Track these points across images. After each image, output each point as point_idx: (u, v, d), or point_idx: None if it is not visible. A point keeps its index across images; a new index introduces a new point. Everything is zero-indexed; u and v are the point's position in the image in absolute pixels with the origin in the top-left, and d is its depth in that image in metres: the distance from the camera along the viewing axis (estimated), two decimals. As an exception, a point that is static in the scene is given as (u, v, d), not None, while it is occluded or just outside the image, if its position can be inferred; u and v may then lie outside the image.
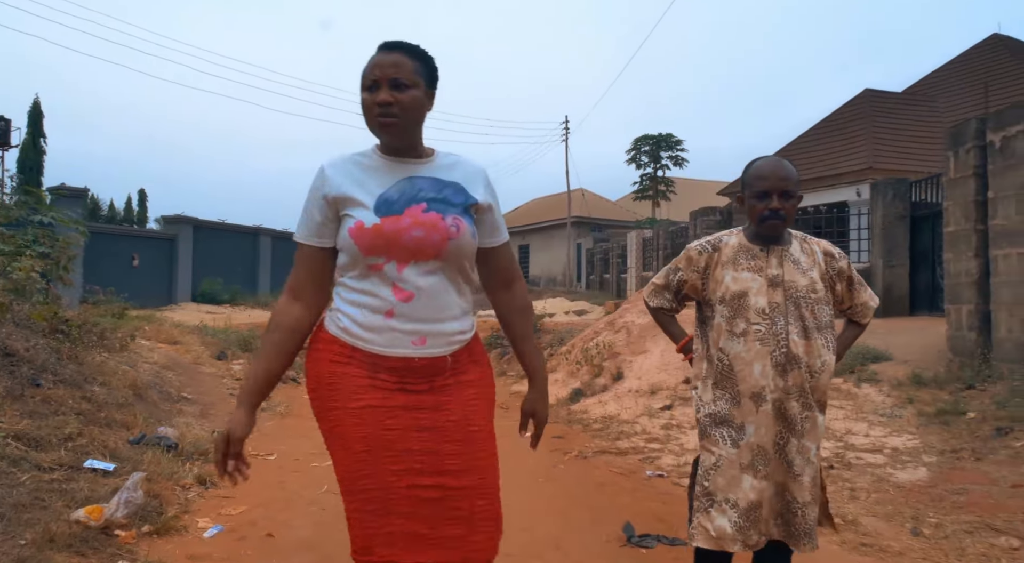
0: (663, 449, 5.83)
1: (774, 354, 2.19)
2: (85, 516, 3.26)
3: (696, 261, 2.35)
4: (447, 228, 1.70)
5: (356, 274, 1.73)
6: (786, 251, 2.28)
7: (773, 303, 2.21)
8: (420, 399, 1.71)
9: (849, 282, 2.39)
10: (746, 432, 2.20)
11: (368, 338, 1.70)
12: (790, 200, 2.24)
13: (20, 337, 5.31)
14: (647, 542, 3.63)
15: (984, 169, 6.67)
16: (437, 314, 1.71)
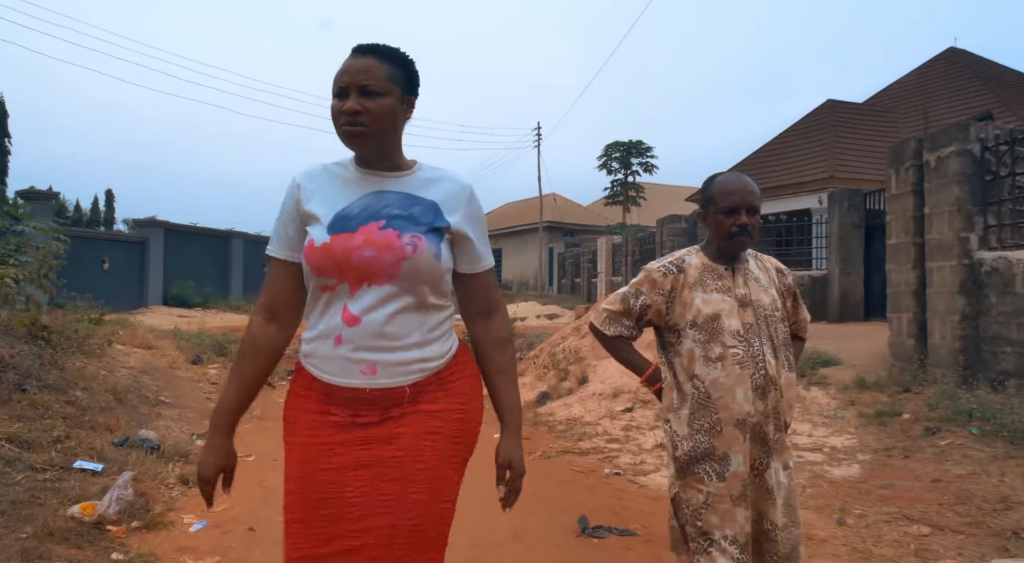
0: (622, 449, 6.20)
1: (754, 377, 2.09)
2: (79, 512, 3.52)
3: (661, 284, 2.19)
4: (402, 247, 1.55)
5: (311, 297, 1.63)
6: (747, 269, 2.21)
7: (746, 324, 2.13)
8: (369, 433, 1.57)
9: (795, 298, 2.34)
10: (731, 463, 2.09)
11: (320, 366, 1.59)
12: (755, 216, 2.15)
13: (4, 344, 5.51)
14: (599, 533, 3.98)
15: (921, 186, 7.15)
16: (390, 342, 1.56)
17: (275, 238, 1.69)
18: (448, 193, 1.66)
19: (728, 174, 2.24)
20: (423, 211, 1.62)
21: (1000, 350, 6.26)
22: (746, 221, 2.12)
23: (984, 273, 6.43)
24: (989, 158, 6.49)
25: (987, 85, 23.70)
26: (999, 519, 3.88)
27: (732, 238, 2.14)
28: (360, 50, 1.62)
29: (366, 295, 1.56)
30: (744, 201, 2.13)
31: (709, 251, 2.23)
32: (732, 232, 2.13)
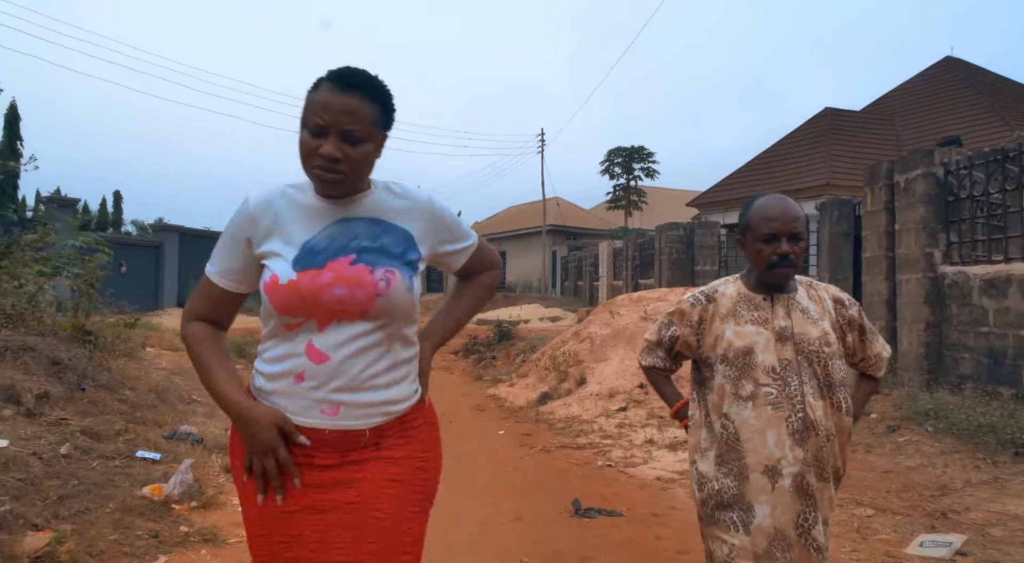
0: (615, 444, 6.82)
1: (789, 420, 1.90)
2: (149, 493, 4.17)
3: (689, 315, 2.06)
4: (375, 283, 1.48)
5: (271, 330, 1.54)
6: (793, 300, 2.00)
7: (783, 360, 1.93)
8: (327, 476, 1.50)
9: (861, 331, 2.10)
10: (755, 514, 1.90)
11: (277, 403, 1.51)
12: (799, 243, 1.95)
13: (62, 348, 6.17)
14: (590, 514, 4.61)
15: (893, 204, 7.77)
16: (356, 382, 1.50)
17: (217, 264, 1.59)
18: (413, 211, 1.59)
19: (768, 197, 2.01)
20: (394, 241, 1.55)
21: (959, 356, 6.88)
22: (787, 249, 1.92)
23: (946, 286, 7.05)
24: (952, 181, 7.11)
25: (982, 95, 24.20)
26: (934, 503, 4.50)
27: (772, 269, 1.94)
28: (343, 84, 1.46)
29: (335, 331, 1.48)
30: (785, 227, 1.92)
31: (748, 280, 2.05)
32: (772, 262, 1.93)
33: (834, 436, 1.95)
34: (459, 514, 4.47)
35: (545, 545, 4.01)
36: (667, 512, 4.68)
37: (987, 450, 5.27)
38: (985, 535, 3.91)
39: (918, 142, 22.74)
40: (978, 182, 6.73)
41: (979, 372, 6.60)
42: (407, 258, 1.56)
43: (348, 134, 1.45)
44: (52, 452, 4.28)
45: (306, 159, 1.47)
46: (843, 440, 1.99)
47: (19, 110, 28.27)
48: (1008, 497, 4.46)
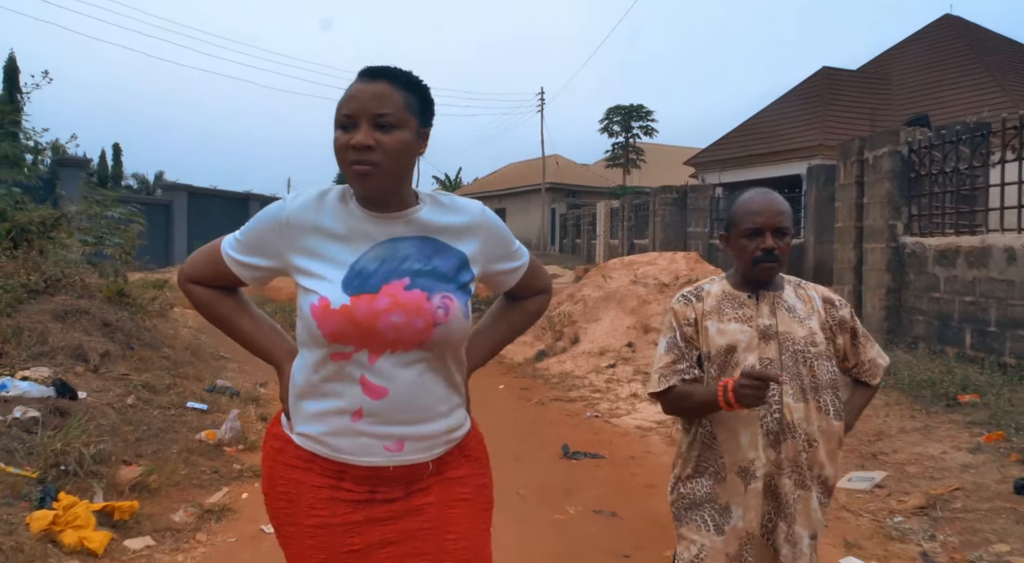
0: (603, 397, 7.62)
1: (764, 420, 1.85)
2: (205, 437, 4.95)
3: (684, 314, 1.97)
4: (433, 312, 1.40)
5: (317, 360, 1.43)
6: (779, 297, 1.94)
7: (764, 359, 1.88)
8: (392, 508, 1.45)
9: (853, 334, 2.01)
10: (732, 515, 1.86)
11: (332, 444, 1.42)
12: (784, 238, 1.89)
13: (109, 310, 6.91)
14: (577, 456, 5.41)
15: (862, 179, 8.42)
16: (419, 414, 1.44)
17: (240, 252, 1.50)
18: (465, 226, 1.50)
19: (753, 192, 1.98)
20: (447, 262, 1.46)
21: (915, 318, 7.63)
22: (772, 244, 1.87)
23: (906, 255, 7.76)
24: (915, 159, 7.75)
25: (978, 55, 24.30)
26: (868, 446, 5.29)
27: (756, 264, 1.89)
28: (370, 73, 1.40)
29: (389, 362, 1.40)
30: (770, 222, 1.88)
31: (733, 278, 2.00)
32: (757, 257, 1.88)
33: (817, 441, 1.86)
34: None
35: (538, 480, 4.81)
36: (643, 455, 5.48)
37: (924, 402, 6.04)
38: (902, 471, 4.70)
39: (913, 103, 23.10)
40: (936, 161, 7.38)
41: (930, 333, 7.36)
42: (460, 281, 1.46)
43: (378, 120, 1.36)
44: (120, 402, 5.05)
45: (340, 157, 1.38)
46: (831, 446, 1.89)
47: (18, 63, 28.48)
48: (931, 442, 5.24)
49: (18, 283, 5.55)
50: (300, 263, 1.44)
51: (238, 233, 1.52)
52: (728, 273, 2.05)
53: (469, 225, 1.51)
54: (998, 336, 6.44)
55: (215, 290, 1.56)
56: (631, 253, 18.42)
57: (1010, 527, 3.72)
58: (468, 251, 1.50)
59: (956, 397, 5.90)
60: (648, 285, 10.34)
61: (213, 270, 1.53)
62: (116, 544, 3.27)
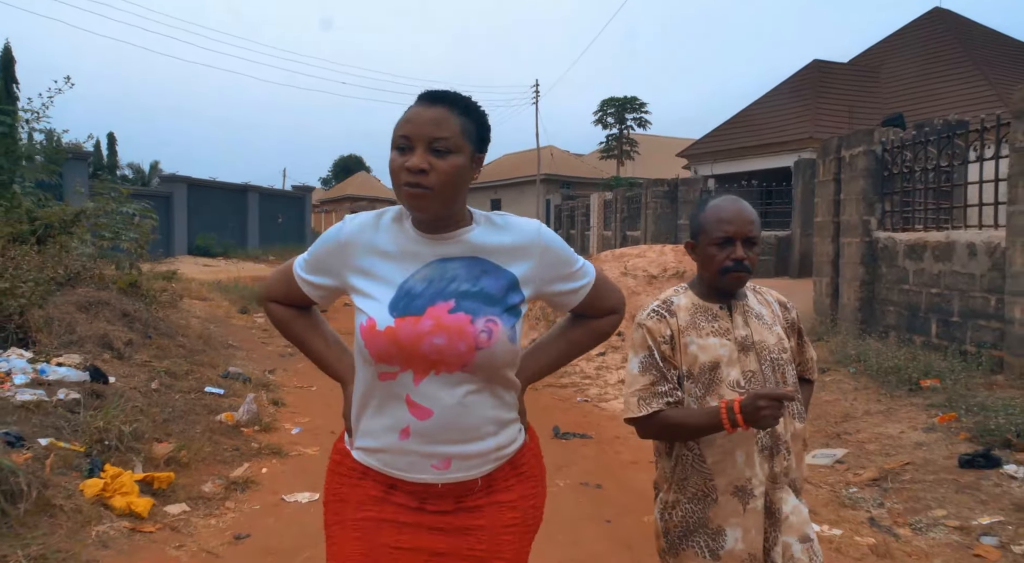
0: (592, 384, 8.08)
1: (759, 436, 1.80)
2: (224, 419, 5.38)
3: (659, 331, 1.87)
4: (476, 336, 1.41)
5: (368, 377, 1.49)
6: (747, 306, 1.90)
7: (748, 372, 1.83)
8: (442, 520, 1.49)
9: (799, 335, 2.02)
10: (726, 538, 1.81)
11: (383, 459, 1.48)
12: (754, 248, 1.85)
13: (127, 302, 7.33)
14: (567, 436, 5.86)
15: (840, 176, 8.86)
16: (465, 434, 1.46)
17: (308, 271, 1.57)
18: (523, 254, 1.50)
19: (722, 199, 1.92)
20: (495, 283, 1.47)
21: (886, 309, 8.09)
22: (741, 254, 1.82)
23: (879, 249, 8.21)
24: (888, 158, 8.19)
25: (966, 48, 24.61)
26: (834, 427, 5.75)
27: (726, 274, 1.83)
28: (429, 98, 1.44)
29: (433, 384, 1.43)
30: (740, 230, 1.83)
31: (698, 289, 1.92)
32: (726, 267, 1.83)
33: (793, 446, 1.86)
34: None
35: (530, 458, 5.27)
36: (627, 436, 5.92)
37: (889, 387, 6.51)
38: (862, 449, 5.17)
39: (901, 96, 23.51)
40: (907, 160, 7.82)
41: (900, 323, 7.82)
42: (508, 303, 1.46)
43: (435, 144, 1.39)
44: (146, 387, 5.48)
45: (395, 178, 1.41)
46: (799, 449, 1.88)
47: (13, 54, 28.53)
48: (891, 422, 5.71)
49: (47, 277, 5.95)
50: (355, 282, 1.49)
51: (307, 253, 1.59)
52: (691, 283, 1.96)
53: (522, 245, 1.51)
54: (960, 326, 6.90)
55: (290, 308, 1.63)
56: (624, 244, 18.86)
57: (949, 495, 4.19)
58: (519, 272, 1.50)
59: (919, 382, 6.36)
60: (637, 277, 10.78)
61: (287, 289, 1.61)
62: (157, 509, 3.70)
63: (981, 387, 5.98)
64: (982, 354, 6.50)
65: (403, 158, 1.40)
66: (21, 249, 6.08)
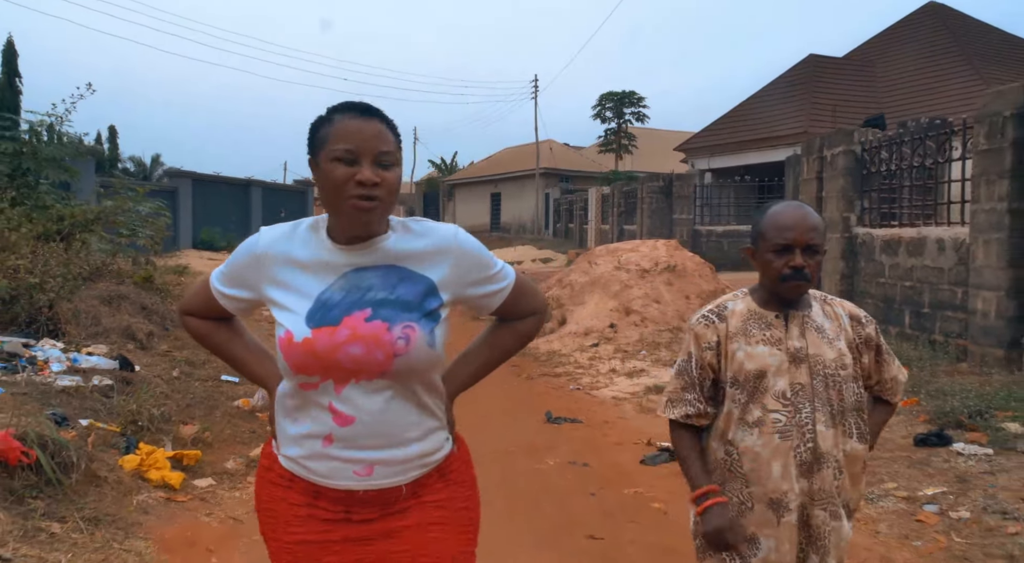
0: (585, 373, 8.51)
1: (798, 450, 1.78)
2: (241, 404, 5.82)
3: (705, 336, 1.88)
4: (393, 343, 1.42)
5: (290, 387, 1.50)
6: (807, 317, 1.85)
7: (796, 385, 1.80)
8: (368, 529, 1.49)
9: (877, 352, 1.94)
10: (759, 546, 1.81)
11: (307, 466, 1.49)
12: (815, 256, 1.81)
13: (145, 296, 7.76)
14: (558, 421, 6.30)
15: (822, 174, 9.27)
16: (388, 440, 1.46)
17: (224, 284, 1.58)
18: (440, 259, 1.51)
19: (784, 205, 1.88)
20: (411, 289, 1.48)
21: (864, 301, 8.51)
22: (801, 262, 1.78)
23: (858, 244, 8.63)
24: (867, 157, 8.60)
25: (960, 43, 24.87)
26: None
27: (784, 281, 1.80)
28: (364, 111, 1.46)
29: (354, 391, 1.44)
30: (801, 238, 1.78)
31: (758, 295, 1.90)
32: (785, 275, 1.79)
33: (847, 467, 1.81)
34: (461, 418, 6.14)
35: (524, 440, 5.69)
36: (615, 421, 6.36)
37: (862, 375, 6.94)
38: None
39: (895, 91, 23.85)
40: (884, 160, 8.23)
41: (877, 314, 8.24)
42: (426, 308, 1.47)
43: (381, 157, 1.42)
44: (168, 375, 5.92)
45: (339, 190, 1.40)
46: (856, 471, 1.84)
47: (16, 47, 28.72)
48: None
49: (74, 273, 6.38)
50: (272, 295, 1.50)
51: (224, 266, 1.60)
52: (751, 288, 1.93)
53: (438, 249, 1.51)
54: (930, 316, 7.33)
55: (210, 321, 1.65)
56: (621, 238, 19.27)
57: (902, 470, 4.62)
58: (436, 277, 1.50)
59: (889, 370, 6.80)
60: (630, 271, 11.20)
61: (205, 302, 1.62)
62: (187, 482, 4.14)
63: (945, 374, 6.41)
64: (949, 343, 6.94)
65: (350, 171, 1.40)
66: (49, 247, 6.51)
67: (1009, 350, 6.10)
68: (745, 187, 19.71)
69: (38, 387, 4.53)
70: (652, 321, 10.20)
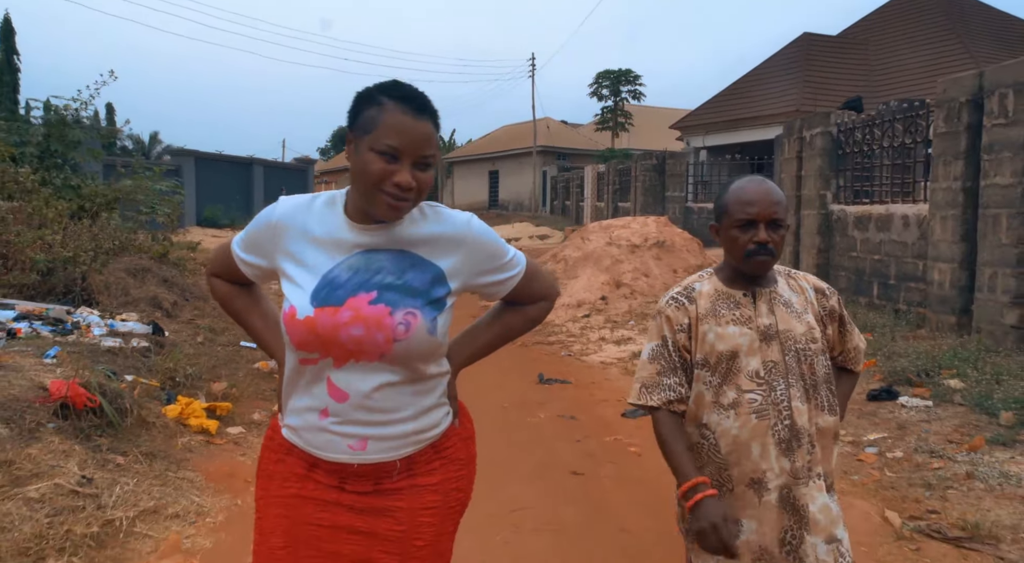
0: (576, 341, 9.09)
1: (776, 429, 1.75)
2: (260, 366, 6.40)
3: (677, 319, 1.85)
4: (393, 327, 1.43)
5: (293, 360, 1.52)
6: (774, 293, 1.83)
7: (768, 362, 1.78)
8: (362, 500, 1.52)
9: (841, 322, 1.93)
10: (741, 528, 1.77)
11: (305, 437, 1.52)
12: (779, 230, 1.79)
13: (166, 269, 8.31)
14: (549, 382, 6.89)
15: (801, 154, 9.79)
16: (382, 417, 1.49)
17: (244, 249, 1.61)
18: (452, 247, 1.52)
19: (746, 180, 1.86)
20: (420, 277, 1.49)
21: (838, 274, 9.08)
22: (765, 237, 1.76)
23: (833, 220, 9.18)
24: (842, 138, 9.11)
25: (951, 21, 25.10)
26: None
27: (749, 257, 1.78)
28: (416, 108, 1.43)
29: (352, 370, 1.46)
30: (765, 212, 1.77)
31: (723, 274, 1.88)
32: (749, 250, 1.78)
33: (819, 440, 1.79)
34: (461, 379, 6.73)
35: (518, 398, 6.29)
36: (601, 382, 6.95)
37: (830, 341, 7.52)
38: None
39: (888, 69, 24.19)
40: (857, 141, 8.76)
41: (850, 286, 8.82)
42: (432, 296, 1.49)
43: (422, 160, 1.42)
44: (193, 340, 6.49)
45: (375, 183, 1.40)
46: (828, 443, 1.82)
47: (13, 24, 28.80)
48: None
49: (105, 248, 6.92)
50: (284, 266, 1.51)
51: (244, 231, 1.62)
52: (717, 267, 1.91)
53: (451, 237, 1.52)
54: (895, 287, 7.91)
55: (233, 285, 1.69)
56: (616, 215, 19.77)
57: (852, 420, 5.22)
58: (446, 265, 1.51)
59: (855, 336, 7.39)
60: (621, 246, 11.75)
61: (227, 265, 1.65)
62: (221, 429, 4.72)
63: (903, 339, 6.99)
64: (911, 311, 7.52)
65: (390, 167, 1.40)
66: (81, 223, 7.04)
67: (960, 316, 6.67)
68: (738, 165, 20.18)
69: (87, 347, 5.09)
70: (641, 293, 10.78)
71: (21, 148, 8.07)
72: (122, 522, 3.19)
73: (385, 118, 1.40)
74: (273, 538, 1.52)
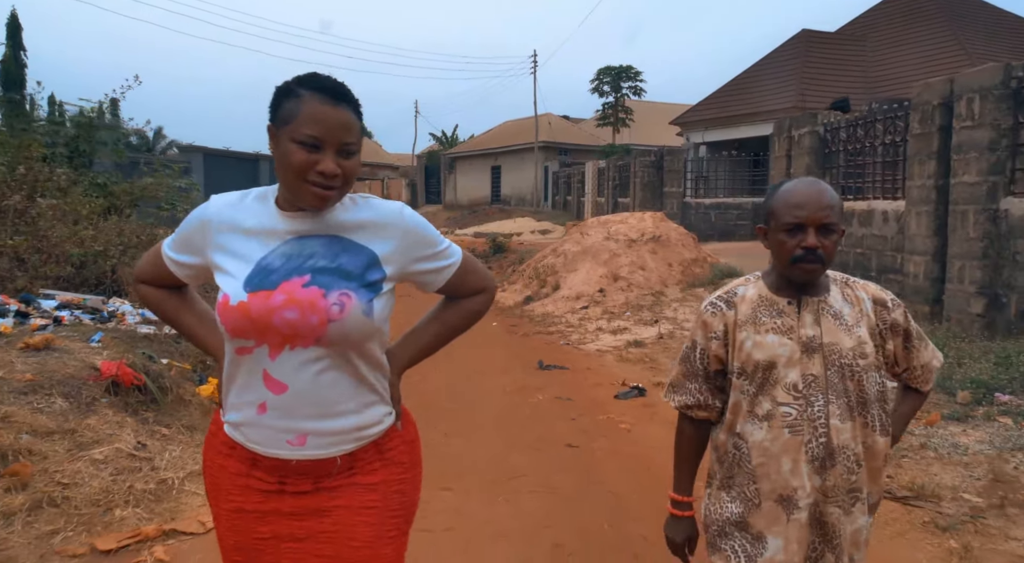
0: (574, 331, 9.56)
1: (809, 446, 1.66)
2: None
3: (712, 325, 1.77)
4: (327, 308, 1.43)
5: (230, 353, 1.51)
6: (824, 303, 1.72)
7: (808, 376, 1.67)
8: (301, 502, 1.51)
9: (906, 337, 1.79)
10: (767, 546, 1.69)
11: (245, 433, 1.51)
12: (831, 236, 1.66)
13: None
14: (549, 368, 7.36)
15: (791, 153, 10.24)
16: (321, 409, 1.48)
17: (175, 250, 1.61)
18: (385, 233, 1.52)
19: (797, 181, 1.75)
20: (353, 260, 1.49)
21: (824, 267, 9.54)
22: (814, 242, 1.64)
23: (820, 216, 9.62)
24: (829, 137, 9.56)
25: (948, 17, 25.36)
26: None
27: (796, 263, 1.67)
28: (334, 96, 1.44)
29: (289, 359, 1.45)
30: (815, 216, 1.65)
31: (769, 279, 1.78)
32: (796, 256, 1.66)
33: (867, 461, 1.71)
34: (467, 366, 7.22)
35: (519, 382, 6.76)
36: (597, 368, 7.42)
37: (813, 330, 7.98)
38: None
39: (885, 65, 24.53)
40: (842, 140, 9.20)
41: (835, 279, 9.28)
42: (367, 279, 1.48)
43: (345, 147, 1.43)
44: (217, 329, 6.96)
45: (298, 174, 1.41)
46: (877, 465, 1.74)
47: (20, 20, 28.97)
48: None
49: (133, 241, 7.39)
50: (217, 259, 1.51)
51: (174, 233, 1.62)
52: (764, 272, 1.81)
53: (384, 224, 1.53)
54: (876, 279, 8.35)
55: (161, 289, 1.68)
56: (616, 210, 20.21)
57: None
58: (380, 251, 1.51)
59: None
60: (619, 241, 12.21)
61: (156, 270, 1.65)
62: (249, 407, 5.21)
63: (880, 328, 7.45)
64: (889, 302, 7.98)
65: (312, 157, 1.41)
66: (110, 219, 7.51)
67: (932, 305, 7.13)
68: (737, 160, 20.58)
69: (125, 333, 5.57)
70: (637, 286, 11.24)
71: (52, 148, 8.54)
72: (174, 481, 3.68)
73: (304, 109, 1.42)
74: (230, 552, 1.57)
